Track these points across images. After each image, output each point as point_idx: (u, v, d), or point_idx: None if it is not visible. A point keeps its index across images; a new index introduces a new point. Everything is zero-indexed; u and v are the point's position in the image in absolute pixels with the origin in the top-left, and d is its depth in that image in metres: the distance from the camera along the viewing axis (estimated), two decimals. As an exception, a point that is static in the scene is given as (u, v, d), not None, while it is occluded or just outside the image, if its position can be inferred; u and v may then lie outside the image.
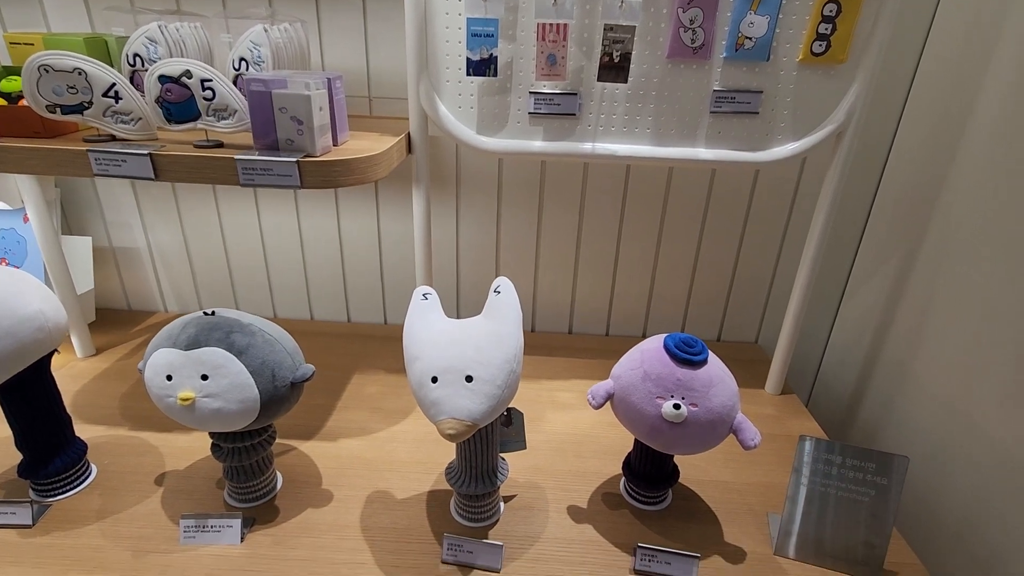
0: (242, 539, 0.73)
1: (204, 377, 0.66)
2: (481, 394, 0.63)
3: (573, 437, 0.96)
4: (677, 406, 0.68)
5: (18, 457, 0.78)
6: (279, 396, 0.70)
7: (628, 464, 0.83)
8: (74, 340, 1.11)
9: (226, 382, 0.66)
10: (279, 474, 0.84)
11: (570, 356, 1.21)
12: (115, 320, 1.26)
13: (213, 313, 0.71)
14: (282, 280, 1.28)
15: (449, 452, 0.88)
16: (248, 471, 0.77)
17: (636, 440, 0.79)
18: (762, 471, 0.90)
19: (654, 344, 0.74)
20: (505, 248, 1.22)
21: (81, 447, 0.80)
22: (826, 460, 0.73)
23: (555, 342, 1.27)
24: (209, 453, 0.76)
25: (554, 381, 1.12)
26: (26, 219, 1.10)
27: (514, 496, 0.83)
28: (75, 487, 0.80)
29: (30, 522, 0.74)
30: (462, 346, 0.65)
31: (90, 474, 0.83)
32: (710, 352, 0.72)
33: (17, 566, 0.69)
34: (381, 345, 1.21)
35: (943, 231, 0.95)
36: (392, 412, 1.00)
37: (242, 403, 0.67)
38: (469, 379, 0.63)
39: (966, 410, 0.87)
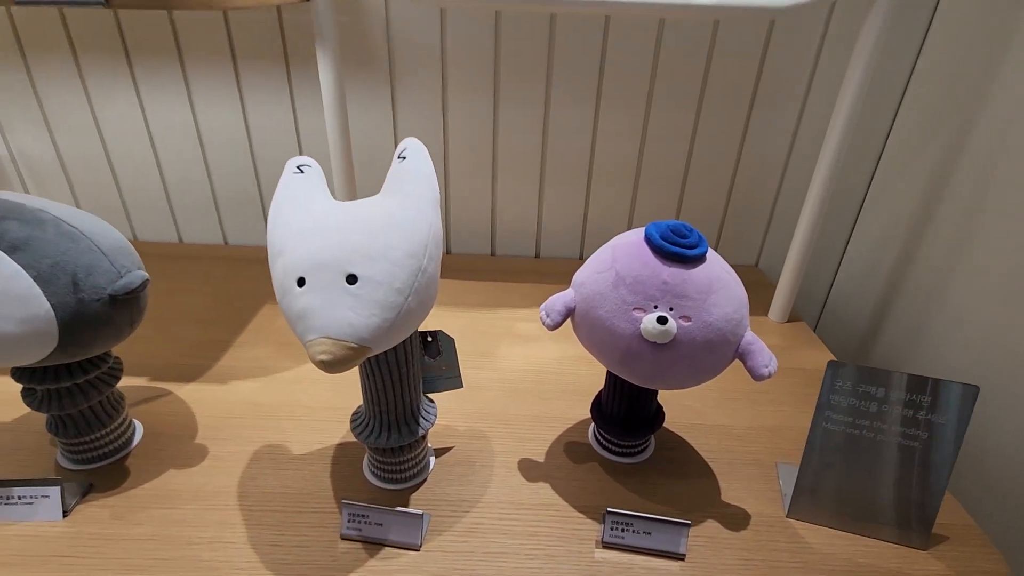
0: (66, 513, 0.54)
1: (-40, 281, 0.44)
2: (370, 302, 0.42)
3: (533, 374, 0.77)
4: (663, 319, 0.48)
5: None
6: (89, 314, 0.48)
7: (598, 405, 0.64)
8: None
9: (-5, 289, 0.45)
10: (138, 425, 0.64)
11: (538, 282, 1.00)
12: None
13: (-12, 194, 0.48)
14: (184, 197, 1.05)
15: None
16: (79, 422, 0.56)
17: (608, 372, 0.59)
18: (770, 412, 0.72)
19: (631, 237, 0.53)
20: (455, 147, 0.99)
21: None
22: (863, 393, 0.53)
23: (519, 266, 1.06)
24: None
25: (515, 310, 0.92)
26: None
27: (450, 449, 0.64)
28: None
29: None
30: (344, 233, 0.43)
31: None
32: (709, 247, 0.52)
33: None
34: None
35: (995, 118, 0.74)
36: (298, 345, 0.79)
37: (25, 323, 0.46)
38: (352, 280, 0.42)
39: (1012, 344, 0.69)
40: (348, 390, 0.71)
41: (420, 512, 0.52)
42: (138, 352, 0.70)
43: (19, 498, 0.53)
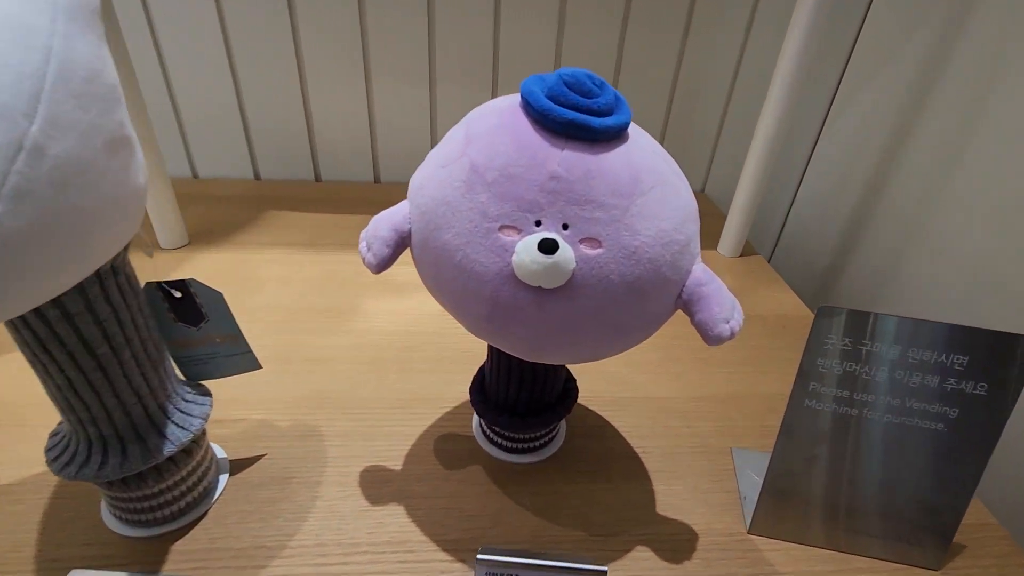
0: None
1: None
2: None
3: (402, 339, 0.55)
4: (550, 244, 0.27)
5: None
6: None
7: (481, 383, 0.43)
8: None
9: None
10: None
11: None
12: None
13: None
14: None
15: None
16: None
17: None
18: (723, 377, 0.53)
19: (500, 104, 0.31)
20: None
21: None
22: (869, 355, 0.35)
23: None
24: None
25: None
26: None
27: (258, 459, 0.42)
28: None
29: None
30: None
31: None
32: (630, 110, 0.31)
33: None
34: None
35: (989, 12, 0.55)
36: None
37: None
38: None
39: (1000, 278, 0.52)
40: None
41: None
42: None
43: None
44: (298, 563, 0.35)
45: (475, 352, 0.52)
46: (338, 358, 0.52)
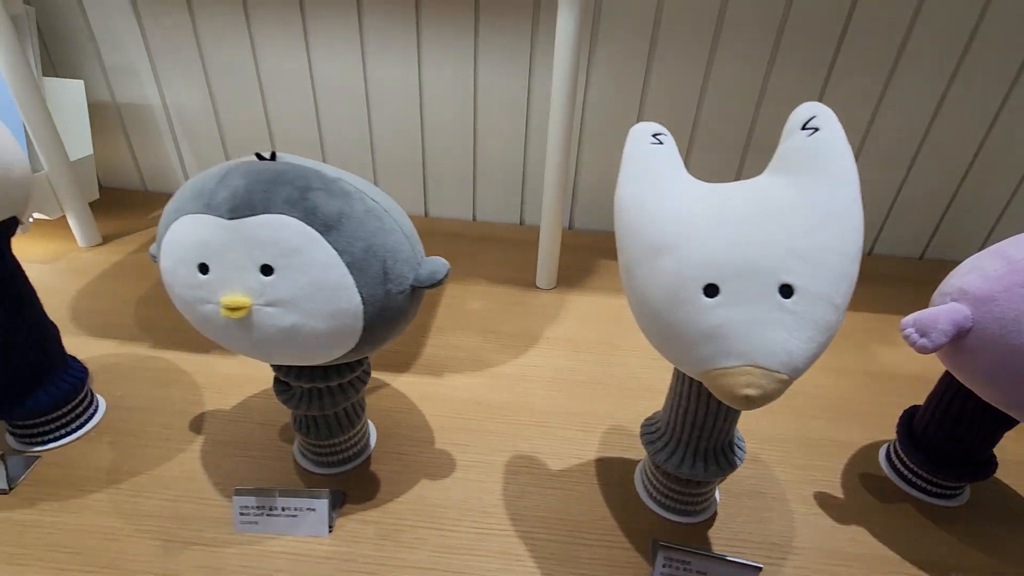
0: (331, 529, 0.47)
1: (266, 270, 0.36)
2: (808, 321, 0.32)
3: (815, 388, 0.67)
4: None
5: None
6: (393, 308, 0.40)
7: (909, 426, 0.54)
8: (72, 224, 0.83)
9: (305, 280, 0.36)
10: (371, 425, 0.57)
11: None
12: (126, 202, 0.96)
13: (273, 156, 0.40)
14: (343, 154, 0.96)
15: (618, 400, 0.61)
16: (332, 424, 0.49)
17: (945, 384, 0.49)
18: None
19: None
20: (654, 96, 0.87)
21: (78, 372, 0.53)
22: None
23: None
24: (270, 386, 0.49)
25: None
26: (-7, 50, 0.78)
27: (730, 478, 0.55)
28: (73, 430, 0.54)
29: (5, 485, 0.48)
30: (766, 228, 0.33)
31: (95, 411, 0.56)
32: None
33: (-16, 556, 0.44)
34: (473, 245, 0.91)
35: None
36: (512, 337, 0.71)
37: (334, 318, 0.38)
38: (787, 292, 0.32)
39: None
40: (580, 394, 0.62)
41: (759, 566, 0.43)
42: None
43: (283, 509, 0.46)
44: (799, 565, 0.47)
45: (849, 403, 0.63)
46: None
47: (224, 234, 0.36)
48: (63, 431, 0.53)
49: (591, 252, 0.90)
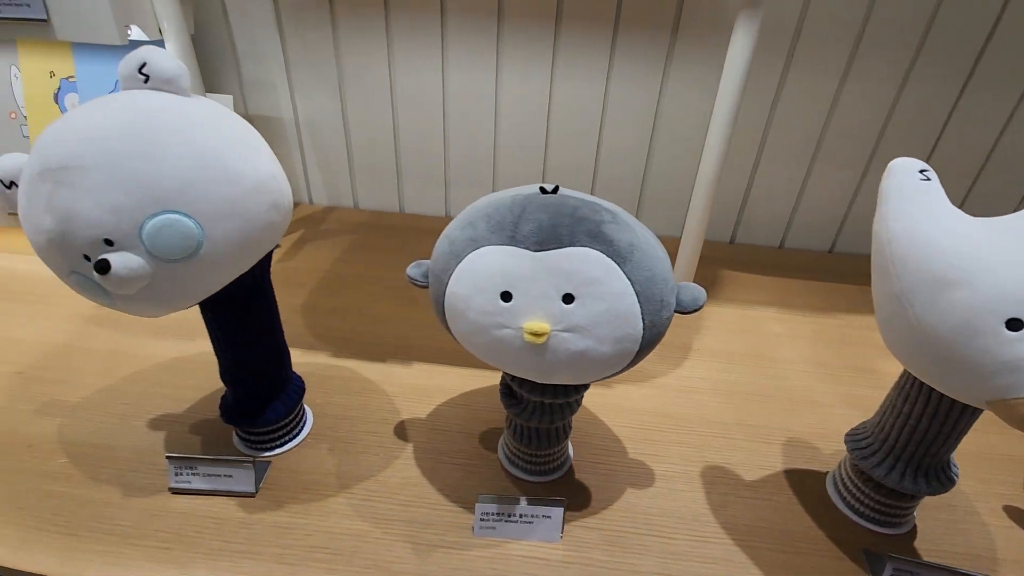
0: (561, 534, 0.50)
1: (568, 298, 0.39)
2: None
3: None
4: None
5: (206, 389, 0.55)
6: (660, 333, 0.42)
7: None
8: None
9: (602, 307, 0.39)
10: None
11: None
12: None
13: (556, 190, 0.42)
14: (464, 168, 0.99)
15: (788, 412, 0.63)
16: (552, 436, 0.52)
17: None
18: None
19: None
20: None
21: (299, 383, 0.56)
22: None
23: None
24: (457, 396, 0.52)
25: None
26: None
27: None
28: (294, 436, 0.57)
29: (252, 488, 0.52)
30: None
31: (306, 419, 0.60)
32: None
33: (250, 558, 0.46)
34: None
35: None
36: (665, 347, 0.73)
37: (619, 343, 0.40)
38: (1088, 326, 0.34)
39: None
40: (750, 404, 0.65)
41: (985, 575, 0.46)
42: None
43: (520, 516, 0.49)
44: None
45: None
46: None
47: (531, 265, 0.38)
48: (287, 437, 0.56)
49: (718, 263, 0.92)
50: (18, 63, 0.85)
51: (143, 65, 0.38)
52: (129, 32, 0.65)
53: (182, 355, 0.67)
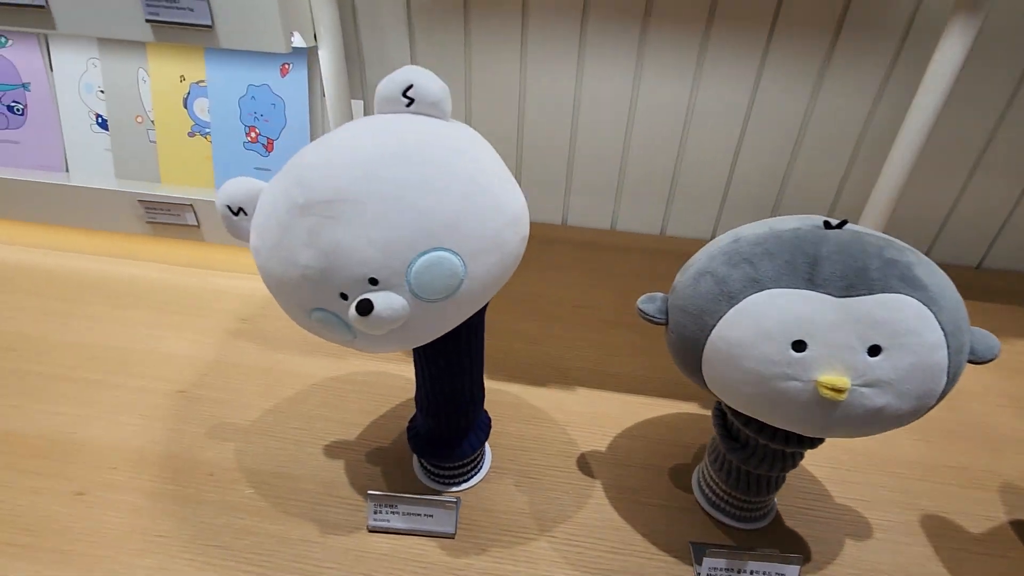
0: (788, 593, 0.46)
1: (874, 351, 0.35)
2: None
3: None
4: None
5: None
6: (952, 387, 0.37)
7: None
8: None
9: (911, 361, 0.35)
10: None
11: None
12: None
13: (842, 224, 0.38)
14: (589, 181, 0.94)
15: (991, 453, 0.57)
16: (771, 483, 0.48)
17: None
18: None
19: None
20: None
21: (486, 416, 0.53)
22: None
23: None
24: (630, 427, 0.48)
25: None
26: (285, 71, 0.79)
27: None
28: (476, 472, 0.54)
29: (452, 529, 0.49)
30: None
31: (484, 453, 0.57)
32: None
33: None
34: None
35: None
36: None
37: (920, 399, 0.36)
38: None
39: None
40: (945, 443, 0.59)
41: None
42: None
43: (751, 573, 0.45)
44: None
45: None
46: None
47: (833, 312, 0.34)
48: (474, 471, 0.53)
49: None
50: (147, 66, 0.83)
51: (409, 87, 0.35)
52: (292, 40, 0.63)
53: (337, 375, 0.64)
